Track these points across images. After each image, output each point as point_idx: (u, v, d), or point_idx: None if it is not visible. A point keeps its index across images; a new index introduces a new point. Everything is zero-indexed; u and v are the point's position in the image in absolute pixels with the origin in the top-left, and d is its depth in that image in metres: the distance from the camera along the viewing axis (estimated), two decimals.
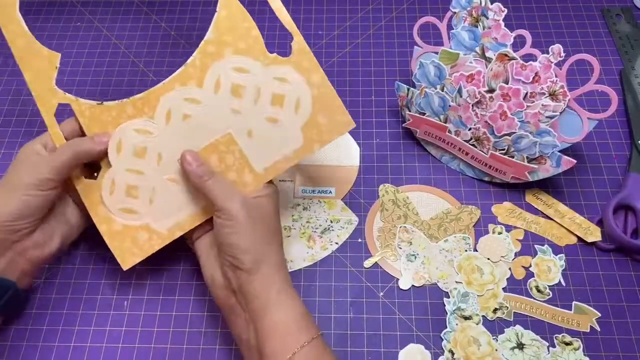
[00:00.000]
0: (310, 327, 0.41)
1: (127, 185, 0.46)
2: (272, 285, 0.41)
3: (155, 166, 0.46)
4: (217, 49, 0.46)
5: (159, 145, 0.46)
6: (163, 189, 0.46)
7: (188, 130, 0.45)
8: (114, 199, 0.46)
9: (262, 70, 0.45)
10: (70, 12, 0.71)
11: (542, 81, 0.48)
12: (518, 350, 0.46)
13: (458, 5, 0.51)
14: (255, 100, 0.45)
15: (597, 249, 0.51)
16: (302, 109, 0.45)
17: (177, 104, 0.45)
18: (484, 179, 0.55)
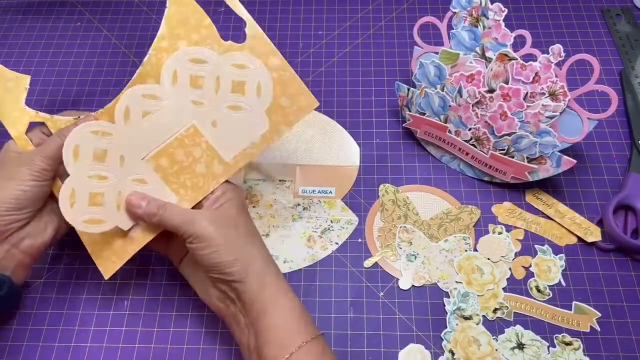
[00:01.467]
0: (308, 327, 0.41)
1: (90, 194, 0.43)
2: (266, 286, 0.41)
3: (118, 169, 0.44)
4: (171, 43, 0.45)
5: (119, 146, 0.44)
6: (130, 192, 0.44)
7: (149, 127, 0.44)
8: (76, 210, 0.43)
9: (218, 59, 0.45)
10: (70, 12, 0.71)
11: (542, 81, 0.48)
12: (518, 350, 0.46)
13: (458, 5, 0.51)
14: (215, 89, 0.44)
15: (597, 249, 0.51)
16: (263, 94, 0.44)
17: (135, 102, 0.44)
18: (484, 179, 0.55)
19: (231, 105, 0.44)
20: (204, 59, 0.45)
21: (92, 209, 0.43)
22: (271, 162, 0.57)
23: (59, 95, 0.63)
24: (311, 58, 0.65)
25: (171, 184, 0.44)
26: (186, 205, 0.44)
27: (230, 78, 0.45)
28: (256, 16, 0.70)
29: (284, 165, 0.57)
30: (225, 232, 0.41)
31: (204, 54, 0.45)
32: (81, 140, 0.43)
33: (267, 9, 0.70)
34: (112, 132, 0.44)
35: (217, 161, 0.45)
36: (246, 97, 0.44)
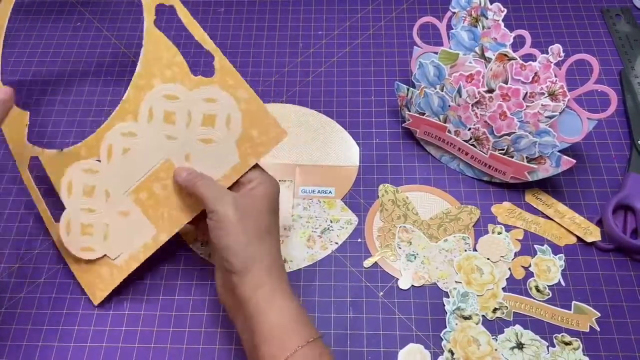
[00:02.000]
0: (307, 329, 0.40)
1: (82, 224, 0.48)
2: (263, 286, 0.40)
3: (104, 203, 0.48)
4: (147, 81, 0.47)
5: (105, 182, 0.48)
6: (115, 224, 0.47)
7: (128, 163, 0.47)
8: (72, 239, 0.48)
9: (189, 94, 0.46)
10: (70, 12, 0.71)
11: (541, 81, 0.48)
12: (517, 350, 0.46)
13: (458, 6, 0.51)
14: (187, 124, 0.46)
15: (596, 249, 0.51)
16: (233, 126, 0.45)
17: (116, 140, 0.47)
18: (483, 179, 0.55)
19: (202, 139, 0.46)
20: (177, 95, 0.46)
21: (84, 238, 0.48)
22: (271, 162, 0.57)
23: (59, 95, 0.63)
24: (311, 58, 0.65)
25: (150, 216, 0.47)
26: (163, 237, 0.46)
27: (201, 112, 0.46)
28: (256, 16, 0.70)
29: (284, 165, 0.57)
30: (244, 220, 0.41)
31: (176, 90, 0.46)
32: (73, 177, 0.48)
33: (267, 9, 0.70)
34: (98, 170, 0.48)
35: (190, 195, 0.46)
36: (216, 130, 0.45)
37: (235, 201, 0.42)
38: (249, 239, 0.41)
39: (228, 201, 0.42)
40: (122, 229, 0.47)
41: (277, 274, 0.42)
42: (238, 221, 0.41)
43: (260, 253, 0.42)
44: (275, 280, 0.41)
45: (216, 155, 0.45)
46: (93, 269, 0.48)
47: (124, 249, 0.47)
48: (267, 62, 0.65)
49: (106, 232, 0.47)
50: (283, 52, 0.66)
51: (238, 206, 0.42)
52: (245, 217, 0.42)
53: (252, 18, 0.69)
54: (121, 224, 0.47)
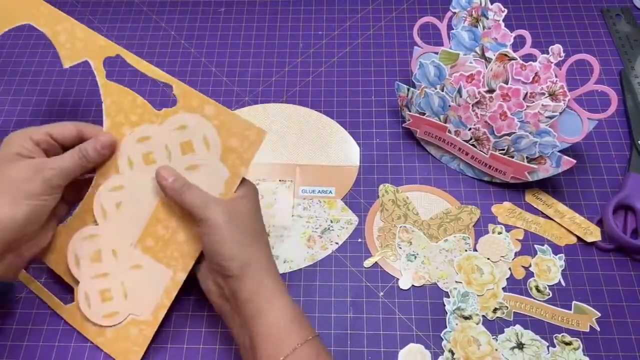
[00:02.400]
0: (304, 329, 0.40)
1: (100, 292, 0.47)
2: (262, 288, 0.41)
3: (114, 263, 0.47)
4: (117, 132, 0.47)
5: (109, 243, 0.47)
6: (131, 280, 0.46)
7: (125, 216, 0.46)
8: (94, 311, 0.47)
9: (160, 129, 0.46)
10: (71, 12, 0.71)
11: (541, 81, 0.48)
12: (518, 350, 0.46)
13: (458, 6, 0.51)
14: (168, 158, 0.46)
15: (596, 248, 0.51)
16: (212, 144, 0.45)
17: (106, 198, 0.47)
18: (483, 179, 0.55)
19: (187, 167, 0.45)
20: (148, 135, 0.46)
21: (105, 305, 0.47)
22: (271, 162, 0.57)
23: (59, 95, 0.63)
24: (311, 58, 0.65)
25: (162, 260, 0.46)
26: (181, 275, 0.46)
27: (177, 142, 0.46)
28: (256, 16, 0.70)
29: (284, 165, 0.57)
30: (234, 225, 0.41)
31: (146, 131, 0.46)
32: (77, 249, 0.47)
33: (267, 9, 0.70)
34: (98, 233, 0.47)
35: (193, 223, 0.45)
36: (198, 154, 0.45)
37: (223, 207, 0.42)
38: (243, 242, 0.41)
39: (216, 208, 0.42)
40: (139, 282, 0.46)
41: (273, 274, 0.42)
42: (229, 226, 0.41)
43: (256, 255, 0.42)
44: (272, 280, 0.42)
45: (206, 178, 0.45)
46: (120, 335, 0.47)
47: (147, 302, 0.46)
48: (267, 62, 0.65)
49: (125, 291, 0.46)
50: (283, 52, 0.66)
51: (226, 212, 0.42)
52: (235, 222, 0.42)
53: (252, 18, 0.69)
54: (137, 278, 0.46)
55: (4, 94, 0.64)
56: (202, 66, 0.65)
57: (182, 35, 0.68)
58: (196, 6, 0.71)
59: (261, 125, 0.59)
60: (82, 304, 0.47)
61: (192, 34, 0.68)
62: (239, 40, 0.67)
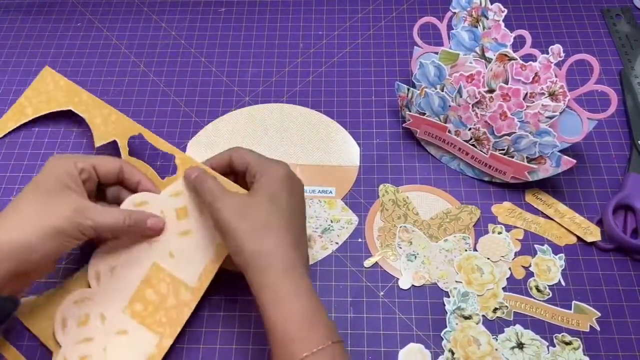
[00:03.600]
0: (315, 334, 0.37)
1: (80, 357, 0.45)
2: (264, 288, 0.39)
3: (101, 328, 0.45)
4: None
5: (98, 307, 0.46)
6: (114, 346, 0.45)
7: (119, 279, 0.46)
8: None
9: (158, 197, 0.47)
10: (71, 12, 0.71)
11: (541, 81, 0.48)
12: (518, 349, 0.46)
13: (458, 6, 0.51)
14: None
15: (596, 248, 0.51)
16: (205, 210, 0.46)
17: (102, 261, 0.47)
18: (483, 179, 0.55)
19: (180, 232, 0.46)
20: (146, 200, 0.47)
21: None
22: None
23: None
24: (311, 58, 0.65)
25: (149, 326, 0.46)
26: (167, 341, 0.45)
27: (172, 207, 0.47)
28: (256, 16, 0.70)
29: None
30: (237, 222, 0.41)
31: (144, 197, 0.47)
32: (67, 312, 0.46)
33: (267, 9, 0.70)
34: (90, 296, 0.47)
35: (183, 289, 0.46)
36: (190, 219, 0.47)
37: (232, 203, 0.42)
38: (245, 237, 0.40)
39: (224, 205, 0.42)
40: (122, 349, 0.45)
41: (284, 268, 0.40)
42: (233, 223, 0.41)
43: (263, 248, 0.40)
44: (280, 275, 0.39)
45: (197, 244, 0.46)
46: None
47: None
48: (268, 62, 0.65)
49: (105, 358, 0.45)
50: (283, 52, 0.66)
51: (234, 208, 0.42)
52: (240, 217, 0.41)
53: (252, 18, 0.69)
54: (120, 344, 0.45)
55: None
56: (202, 66, 0.65)
57: (182, 35, 0.68)
58: (196, 6, 0.71)
59: (261, 125, 0.60)
60: None
61: (192, 34, 0.68)
62: (239, 40, 0.68)
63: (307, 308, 0.39)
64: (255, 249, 0.40)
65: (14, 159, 0.58)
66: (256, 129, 0.60)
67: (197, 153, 0.58)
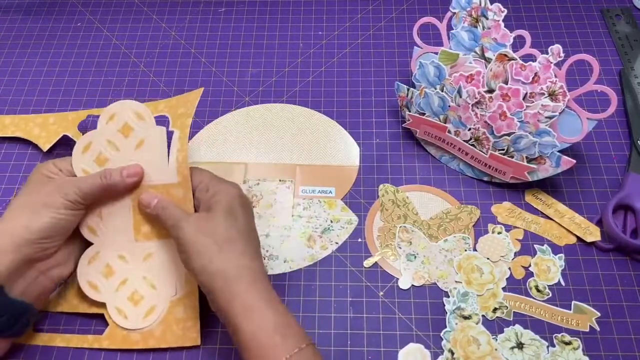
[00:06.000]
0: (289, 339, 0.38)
1: (128, 298, 0.47)
2: (235, 298, 0.39)
3: (127, 266, 0.47)
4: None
5: (112, 251, 0.47)
6: (150, 270, 0.47)
7: (113, 220, 0.47)
8: (133, 319, 0.47)
9: (95, 132, 0.48)
10: (71, 12, 0.71)
11: (541, 81, 0.48)
12: (517, 349, 0.46)
13: (458, 6, 0.51)
14: (116, 148, 0.48)
15: (596, 248, 0.51)
16: (144, 114, 0.48)
17: (88, 219, 0.47)
18: (483, 179, 0.55)
19: (136, 146, 0.47)
20: (89, 142, 0.47)
21: (140, 307, 0.47)
22: (271, 162, 0.57)
23: (60, 95, 0.63)
24: (311, 58, 0.65)
25: (165, 236, 0.47)
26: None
27: (114, 130, 0.48)
28: (256, 16, 0.70)
29: (284, 165, 0.57)
30: (201, 239, 0.41)
31: (84, 140, 0.48)
32: (88, 275, 0.47)
33: (267, 9, 0.70)
34: (99, 249, 0.47)
35: (172, 189, 0.46)
36: (136, 129, 0.48)
37: (192, 223, 0.42)
38: (207, 255, 0.41)
39: (185, 225, 0.42)
40: (158, 267, 0.47)
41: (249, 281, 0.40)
42: (195, 242, 0.41)
43: (225, 264, 0.40)
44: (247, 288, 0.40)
45: (158, 146, 0.47)
46: (167, 324, 0.47)
47: (175, 278, 0.47)
48: (268, 62, 0.65)
49: (150, 283, 0.47)
50: (283, 52, 0.66)
51: (194, 228, 0.42)
52: (201, 236, 0.41)
53: (252, 18, 0.70)
54: (154, 265, 0.47)
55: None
56: (202, 66, 0.65)
57: (182, 35, 0.68)
58: (196, 6, 0.71)
59: (261, 126, 0.60)
60: (118, 320, 0.47)
61: (192, 34, 0.68)
62: (239, 40, 0.68)
63: (278, 315, 0.39)
64: (221, 263, 0.40)
65: (14, 159, 0.59)
66: (256, 129, 0.60)
67: (198, 153, 0.58)
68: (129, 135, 0.47)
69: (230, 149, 0.58)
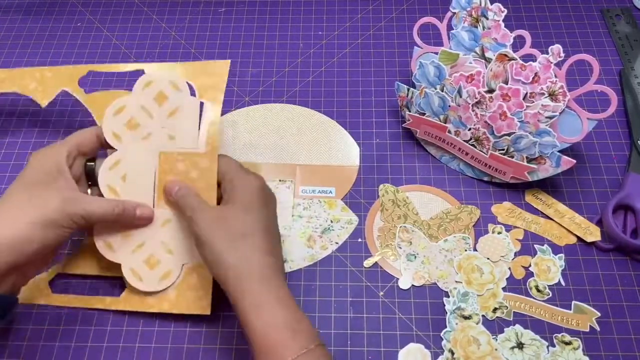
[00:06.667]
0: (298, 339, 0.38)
1: (144, 261, 0.47)
2: (246, 293, 0.39)
3: (145, 229, 0.47)
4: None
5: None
6: (168, 235, 0.47)
7: (135, 183, 0.47)
8: (148, 281, 0.47)
9: (130, 97, 0.48)
10: (71, 12, 0.71)
11: (541, 81, 0.48)
12: (518, 349, 0.46)
13: (458, 6, 0.51)
14: (149, 115, 0.48)
15: (596, 248, 0.51)
16: (180, 84, 0.48)
17: (110, 177, 0.47)
18: (483, 179, 0.55)
19: (169, 114, 0.47)
20: (122, 105, 0.48)
21: (156, 270, 0.47)
22: (271, 162, 0.57)
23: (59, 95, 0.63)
24: (311, 58, 0.65)
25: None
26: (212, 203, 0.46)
27: (150, 98, 0.48)
28: (256, 16, 0.70)
29: (284, 165, 0.57)
30: (215, 232, 0.41)
31: (119, 103, 0.48)
32: (106, 237, 0.47)
33: (267, 9, 0.70)
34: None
35: (198, 158, 0.46)
36: (171, 99, 0.48)
37: (209, 216, 0.42)
38: (224, 247, 0.41)
39: (200, 217, 0.42)
40: (176, 233, 0.47)
41: (262, 278, 0.40)
42: (210, 235, 0.41)
43: (240, 259, 0.40)
44: (260, 284, 0.39)
45: (191, 116, 0.47)
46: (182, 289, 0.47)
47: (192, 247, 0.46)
48: (268, 62, 0.65)
49: (167, 248, 0.47)
50: (283, 52, 0.66)
51: (210, 220, 0.42)
52: (216, 229, 0.41)
53: (252, 18, 0.70)
54: (172, 231, 0.47)
55: None
56: None
57: (182, 35, 0.68)
58: (196, 6, 0.71)
59: (261, 126, 0.60)
60: (133, 282, 0.47)
61: (192, 34, 0.68)
62: (239, 40, 0.68)
63: (288, 313, 0.39)
64: (234, 258, 0.40)
65: (14, 159, 0.59)
66: (256, 129, 0.60)
67: None
68: (162, 103, 0.47)
69: (230, 149, 0.58)
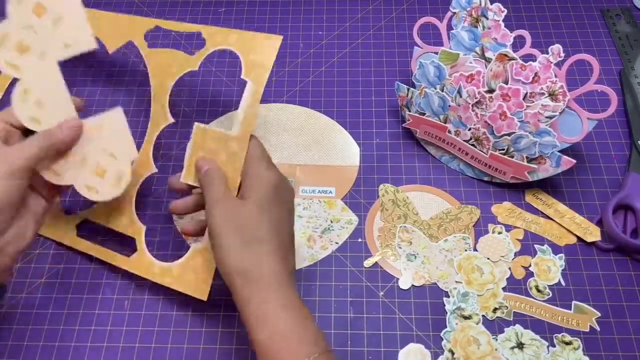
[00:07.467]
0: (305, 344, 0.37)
1: (95, 170, 0.46)
2: (249, 302, 0.38)
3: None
4: (161, 86, 0.50)
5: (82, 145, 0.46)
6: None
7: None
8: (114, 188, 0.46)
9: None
10: None
11: (541, 81, 0.48)
12: (518, 349, 0.46)
13: (458, 6, 0.51)
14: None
15: (596, 248, 0.51)
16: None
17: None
18: (483, 179, 0.55)
19: (53, 21, 0.45)
20: (4, 32, 0.44)
21: (106, 178, 0.46)
22: None
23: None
24: (311, 58, 0.65)
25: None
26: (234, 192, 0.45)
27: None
28: (256, 16, 0.70)
29: (284, 165, 0.57)
30: (227, 232, 0.40)
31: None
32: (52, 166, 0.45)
33: (267, 9, 0.70)
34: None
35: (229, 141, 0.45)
36: (51, 5, 0.45)
37: (220, 212, 0.41)
38: (232, 252, 0.39)
39: (215, 213, 0.41)
40: (114, 134, 0.46)
41: (270, 283, 0.39)
42: (220, 234, 0.40)
43: (251, 262, 0.39)
44: (268, 289, 0.39)
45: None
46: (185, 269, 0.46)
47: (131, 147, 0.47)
48: None
49: (112, 152, 0.46)
50: (283, 52, 0.66)
51: (222, 216, 0.41)
52: (230, 229, 0.40)
53: (252, 18, 0.69)
54: (107, 137, 0.46)
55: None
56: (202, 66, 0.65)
57: (182, 35, 0.68)
58: (196, 6, 0.71)
59: (261, 126, 0.60)
60: (92, 197, 0.46)
61: (192, 34, 0.68)
62: None
63: (295, 320, 0.38)
64: (243, 261, 0.39)
65: None
66: (256, 129, 0.60)
67: None
68: (42, 15, 0.45)
69: None
